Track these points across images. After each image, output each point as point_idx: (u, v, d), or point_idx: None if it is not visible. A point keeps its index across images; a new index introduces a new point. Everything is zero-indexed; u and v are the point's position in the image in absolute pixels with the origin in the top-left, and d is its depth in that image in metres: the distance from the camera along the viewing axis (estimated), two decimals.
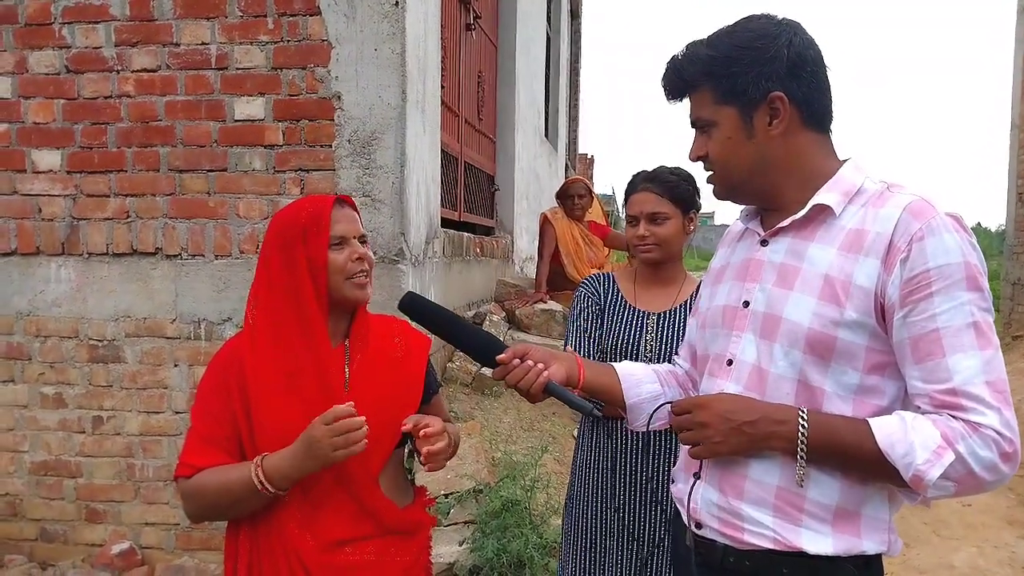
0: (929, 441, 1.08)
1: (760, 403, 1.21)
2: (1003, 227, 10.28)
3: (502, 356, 1.36)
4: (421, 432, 1.41)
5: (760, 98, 1.20)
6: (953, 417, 1.09)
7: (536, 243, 5.48)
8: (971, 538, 3.88)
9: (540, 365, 1.34)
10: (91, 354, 3.28)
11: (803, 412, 1.16)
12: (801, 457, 1.16)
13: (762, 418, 1.18)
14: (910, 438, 1.09)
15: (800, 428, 1.15)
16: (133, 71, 3.20)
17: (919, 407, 1.13)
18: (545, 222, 5.11)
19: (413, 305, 1.48)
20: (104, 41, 3.20)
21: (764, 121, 1.22)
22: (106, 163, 3.24)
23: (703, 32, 1.28)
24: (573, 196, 5.09)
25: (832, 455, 1.16)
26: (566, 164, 10.04)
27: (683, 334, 1.93)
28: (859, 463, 1.15)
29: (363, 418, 1.32)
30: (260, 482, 1.33)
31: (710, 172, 1.31)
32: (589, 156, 15.35)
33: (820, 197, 1.21)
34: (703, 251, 23.50)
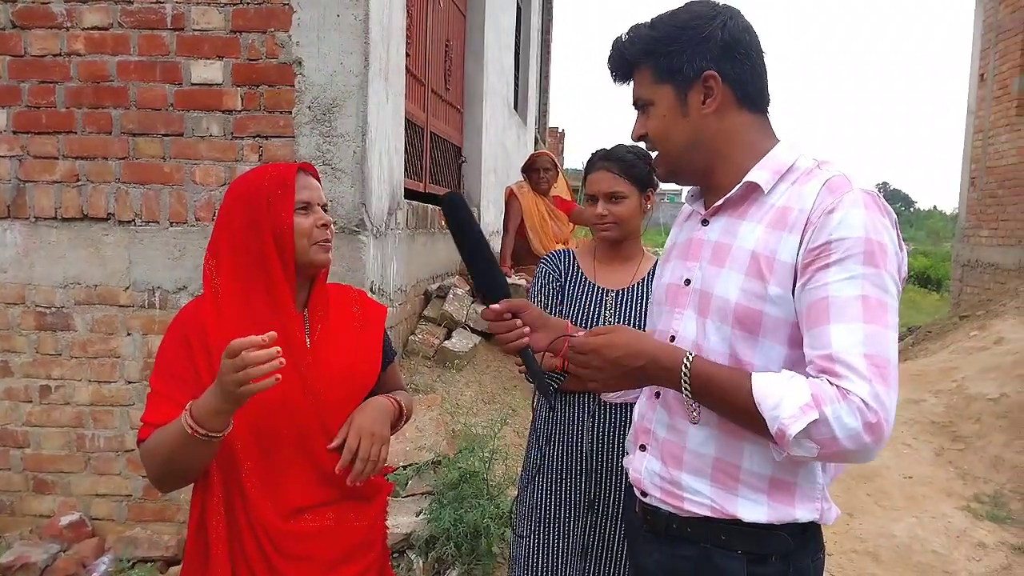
0: (799, 399, 1.10)
1: (649, 345, 1.25)
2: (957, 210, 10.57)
3: (496, 306, 1.38)
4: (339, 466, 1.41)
5: (694, 76, 1.24)
6: (829, 383, 1.11)
7: (503, 217, 5.47)
8: (911, 509, 4.03)
9: (525, 329, 1.38)
10: (38, 321, 3.19)
11: (688, 358, 1.20)
12: (687, 397, 1.21)
13: (649, 363, 1.23)
14: (781, 393, 1.12)
15: (684, 374, 1.20)
16: (84, 29, 3.07)
17: (808, 373, 1.16)
18: (511, 196, 5.09)
19: (456, 206, 1.42)
20: None
21: (698, 99, 1.26)
22: (54, 124, 3.12)
23: (674, 5, 1.32)
24: (539, 170, 5.07)
25: (712, 400, 1.21)
26: (536, 137, 9.98)
27: (641, 310, 1.97)
28: (735, 412, 1.19)
29: (275, 350, 1.19)
30: (189, 426, 1.26)
31: (654, 152, 1.34)
32: (560, 130, 15.29)
33: (751, 175, 1.25)
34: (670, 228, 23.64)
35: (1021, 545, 3.62)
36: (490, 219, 6.53)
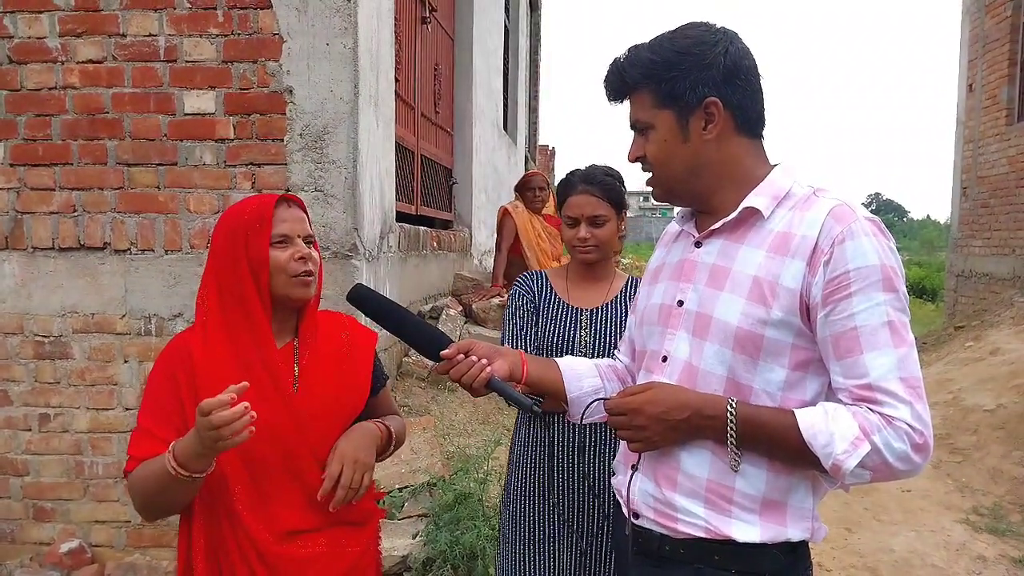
0: (848, 432, 1.14)
1: (691, 397, 1.25)
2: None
3: (446, 351, 1.39)
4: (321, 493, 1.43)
5: (696, 103, 1.25)
6: (871, 410, 1.15)
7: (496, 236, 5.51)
8: (910, 523, 4.02)
9: (484, 361, 1.38)
10: (37, 350, 3.22)
11: (732, 406, 1.21)
12: (732, 446, 1.22)
13: (694, 414, 1.24)
14: (831, 429, 1.15)
15: (729, 422, 1.21)
16: (78, 62, 3.13)
17: (841, 400, 1.19)
18: (505, 215, 5.13)
19: (361, 297, 1.50)
20: (48, 31, 3.13)
21: (699, 125, 1.26)
22: (51, 156, 3.17)
23: (665, 23, 1.32)
24: (534, 189, 5.13)
25: (759, 444, 1.22)
26: (526, 156, 10.06)
27: (615, 329, 1.99)
28: (784, 452, 1.21)
29: (242, 407, 1.22)
30: (172, 468, 1.29)
31: (649, 174, 1.35)
32: (550, 147, 15.37)
33: (750, 200, 1.26)
34: None
35: (1022, 558, 3.58)
36: (482, 239, 6.58)
